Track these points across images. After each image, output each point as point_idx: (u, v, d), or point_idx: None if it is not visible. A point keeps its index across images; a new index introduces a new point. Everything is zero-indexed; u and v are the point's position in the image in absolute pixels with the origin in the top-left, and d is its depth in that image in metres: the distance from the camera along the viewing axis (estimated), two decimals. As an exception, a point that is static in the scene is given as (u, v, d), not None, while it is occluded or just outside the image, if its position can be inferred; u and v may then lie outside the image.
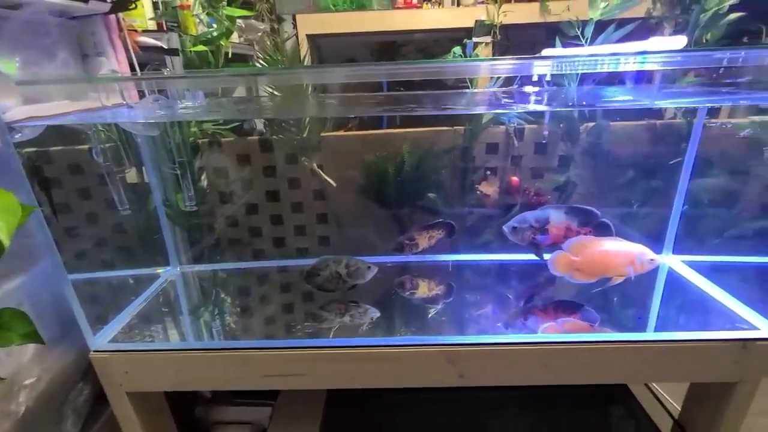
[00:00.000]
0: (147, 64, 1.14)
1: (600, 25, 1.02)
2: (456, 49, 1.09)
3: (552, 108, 0.98)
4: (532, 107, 0.89)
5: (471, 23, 2.20)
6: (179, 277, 1.13)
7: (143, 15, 1.17)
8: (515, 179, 1.11)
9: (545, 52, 0.95)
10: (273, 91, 1.04)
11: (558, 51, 0.98)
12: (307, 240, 1.24)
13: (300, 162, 1.14)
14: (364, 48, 2.71)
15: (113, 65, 1.08)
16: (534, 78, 0.79)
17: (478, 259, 1.13)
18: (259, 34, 1.78)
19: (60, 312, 0.85)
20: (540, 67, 0.66)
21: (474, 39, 2.18)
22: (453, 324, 0.92)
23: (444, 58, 1.15)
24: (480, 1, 2.31)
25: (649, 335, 0.84)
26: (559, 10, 2.11)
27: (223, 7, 1.23)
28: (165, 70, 1.14)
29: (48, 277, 0.84)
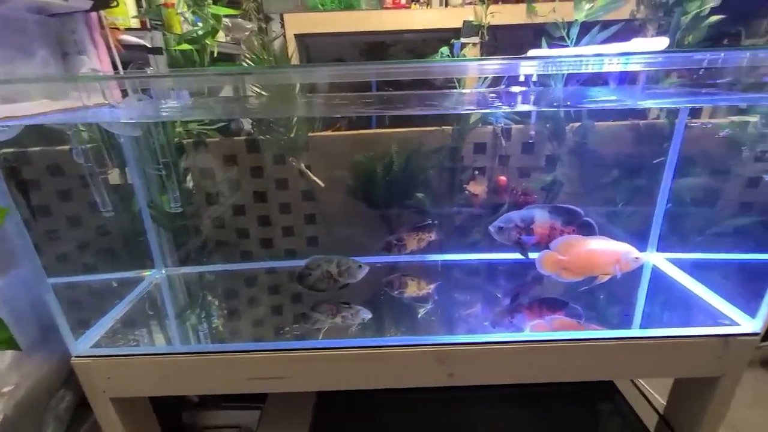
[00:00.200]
0: (130, 62, 1.12)
1: (585, 27, 1.03)
2: (443, 50, 1.09)
3: (538, 108, 0.99)
4: (519, 107, 0.89)
5: (459, 24, 2.22)
6: (165, 280, 1.11)
7: (126, 13, 1.15)
8: (503, 179, 1.11)
9: (531, 52, 0.96)
10: (260, 91, 1.03)
11: (544, 52, 0.99)
12: (296, 241, 1.23)
13: (288, 162, 1.13)
14: (352, 48, 2.71)
15: (95, 64, 1.06)
16: (521, 78, 0.79)
17: (466, 259, 1.14)
18: (247, 33, 1.76)
19: (40, 317, 0.83)
20: (526, 68, 0.67)
21: (462, 39, 2.20)
22: (442, 323, 0.92)
23: (432, 58, 1.15)
24: (468, 2, 2.33)
25: (635, 332, 0.86)
26: (546, 11, 2.13)
27: (209, 6, 1.21)
28: (148, 69, 1.12)
29: (27, 282, 0.82)
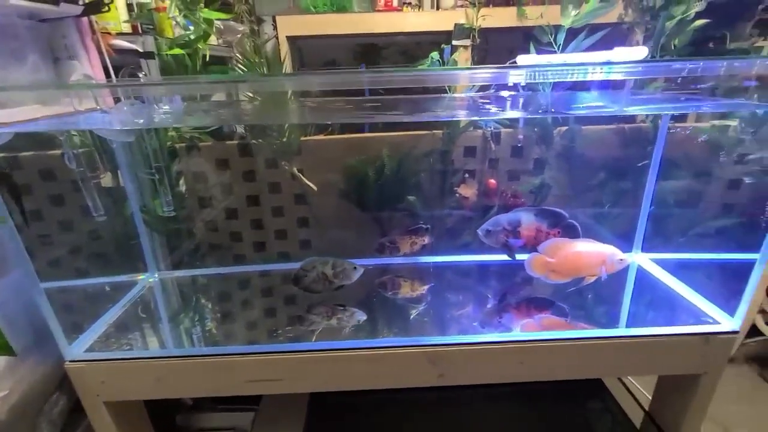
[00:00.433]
0: (122, 67, 1.12)
1: (572, 31, 1.05)
2: (434, 54, 1.11)
3: (525, 115, 1.01)
4: (507, 112, 0.91)
5: (451, 26, 2.23)
6: (158, 284, 1.12)
7: (117, 17, 1.14)
8: (493, 182, 1.13)
9: (520, 58, 0.98)
10: (253, 95, 1.04)
11: (532, 57, 1.01)
12: (288, 244, 1.24)
13: (280, 166, 1.14)
14: (345, 50, 2.71)
15: (86, 69, 1.06)
16: (510, 83, 0.81)
17: (457, 260, 1.16)
18: (238, 36, 1.76)
19: (33, 322, 0.83)
20: (515, 77, 0.68)
21: (453, 42, 2.22)
22: (433, 324, 0.94)
23: (422, 62, 1.17)
24: (459, 5, 2.35)
25: (620, 331, 0.88)
26: (536, 14, 2.16)
27: (201, 10, 1.22)
28: (141, 73, 1.12)
29: (20, 287, 0.82)
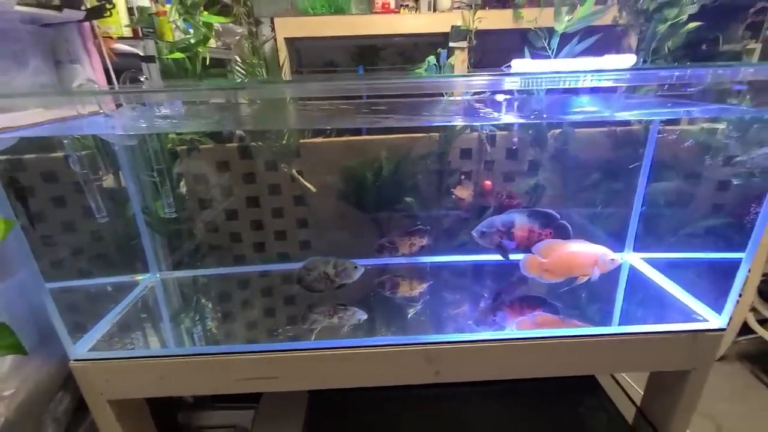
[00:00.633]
0: (123, 70, 1.13)
1: (567, 34, 1.07)
2: (430, 59, 1.13)
3: (522, 120, 1.03)
4: (504, 118, 0.94)
5: (447, 28, 2.25)
6: (159, 284, 1.13)
7: (118, 22, 1.16)
8: (488, 183, 1.16)
9: (514, 62, 1.00)
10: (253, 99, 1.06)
11: (526, 62, 1.03)
12: (288, 245, 1.26)
13: (280, 168, 1.16)
14: (343, 51, 2.72)
15: (88, 72, 1.08)
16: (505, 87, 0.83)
17: (454, 260, 1.18)
18: (237, 38, 1.78)
19: (38, 322, 0.85)
20: (509, 84, 0.71)
21: (450, 44, 2.24)
22: (430, 323, 0.96)
23: (419, 66, 1.19)
24: (456, 7, 2.37)
25: (612, 329, 0.90)
26: (532, 17, 2.18)
27: (200, 14, 1.23)
28: (142, 77, 1.14)
29: (25, 288, 0.84)
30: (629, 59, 0.75)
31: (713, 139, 1.07)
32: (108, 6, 1.01)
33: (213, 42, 1.55)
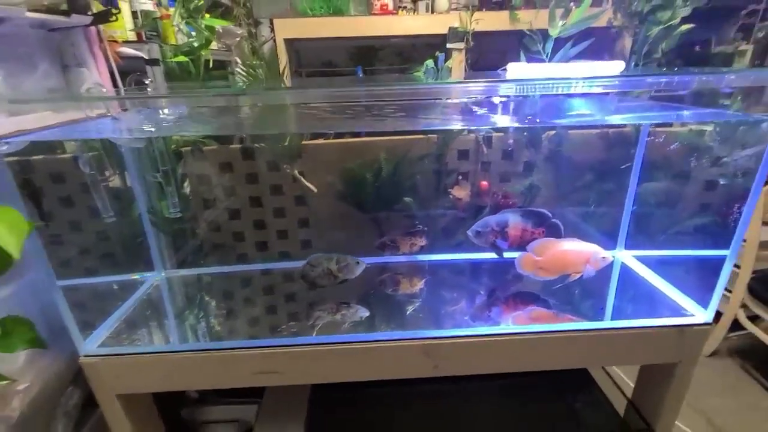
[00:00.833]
0: (128, 73, 1.16)
1: (562, 37, 1.10)
2: (428, 62, 1.16)
3: (517, 124, 1.06)
4: (499, 120, 0.96)
5: (445, 29, 2.28)
6: (164, 282, 1.16)
7: (123, 26, 1.18)
8: (485, 183, 1.19)
9: (510, 66, 1.03)
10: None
11: (521, 65, 1.06)
12: (289, 243, 1.28)
13: (282, 169, 1.18)
14: (342, 52, 2.75)
15: (94, 76, 1.10)
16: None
17: (451, 259, 1.21)
18: (237, 39, 1.80)
19: (49, 319, 0.88)
20: (505, 89, 0.74)
21: (448, 45, 2.27)
22: (428, 318, 0.99)
23: (418, 69, 1.22)
24: (453, 9, 2.40)
25: (604, 324, 0.94)
26: (528, 18, 2.22)
27: (203, 17, 1.26)
28: (147, 79, 1.16)
29: (36, 286, 0.87)
30: (618, 66, 0.78)
31: (701, 141, 1.11)
32: (114, 11, 1.03)
33: (214, 44, 1.57)
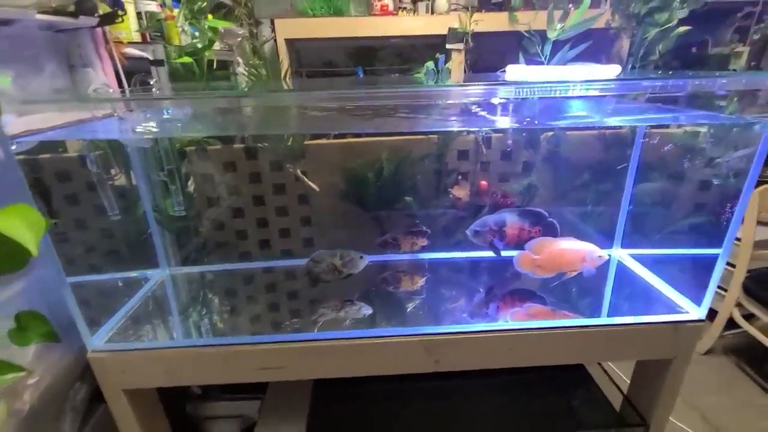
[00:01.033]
0: (134, 73, 1.17)
1: (560, 40, 1.12)
2: (429, 64, 1.18)
3: (516, 125, 1.08)
4: (498, 122, 0.98)
5: (444, 30, 2.29)
6: (169, 279, 1.18)
7: (129, 27, 1.20)
8: (484, 183, 1.21)
9: (509, 68, 1.05)
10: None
11: (520, 67, 1.08)
12: (292, 242, 1.30)
13: (284, 168, 1.20)
14: (342, 52, 2.76)
15: (99, 76, 1.12)
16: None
17: (451, 257, 1.23)
18: (238, 39, 1.82)
19: (57, 315, 0.89)
20: (504, 92, 0.76)
21: (447, 46, 2.28)
22: (429, 315, 1.01)
23: (418, 70, 1.24)
24: (453, 10, 2.42)
25: (601, 320, 0.95)
26: (527, 19, 2.24)
27: (207, 19, 1.28)
28: (151, 80, 1.18)
29: (44, 283, 0.88)
30: (614, 69, 0.80)
31: (696, 142, 1.13)
32: (120, 12, 1.04)
33: (216, 44, 1.59)
